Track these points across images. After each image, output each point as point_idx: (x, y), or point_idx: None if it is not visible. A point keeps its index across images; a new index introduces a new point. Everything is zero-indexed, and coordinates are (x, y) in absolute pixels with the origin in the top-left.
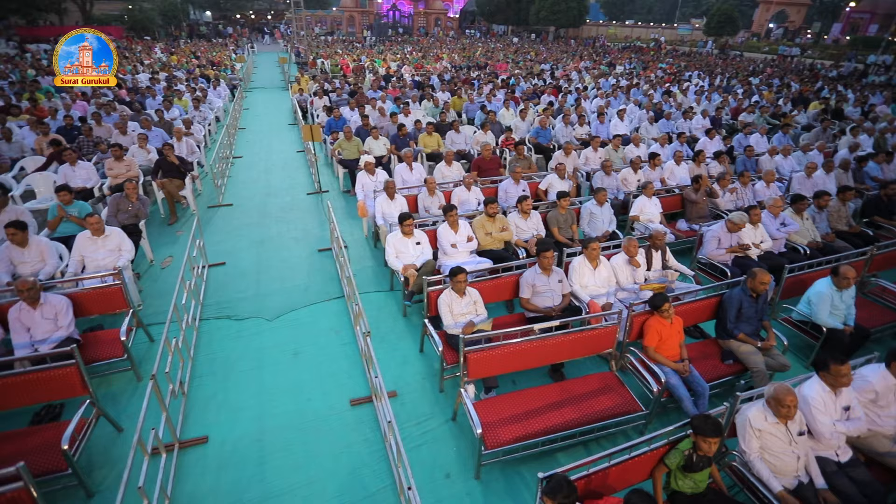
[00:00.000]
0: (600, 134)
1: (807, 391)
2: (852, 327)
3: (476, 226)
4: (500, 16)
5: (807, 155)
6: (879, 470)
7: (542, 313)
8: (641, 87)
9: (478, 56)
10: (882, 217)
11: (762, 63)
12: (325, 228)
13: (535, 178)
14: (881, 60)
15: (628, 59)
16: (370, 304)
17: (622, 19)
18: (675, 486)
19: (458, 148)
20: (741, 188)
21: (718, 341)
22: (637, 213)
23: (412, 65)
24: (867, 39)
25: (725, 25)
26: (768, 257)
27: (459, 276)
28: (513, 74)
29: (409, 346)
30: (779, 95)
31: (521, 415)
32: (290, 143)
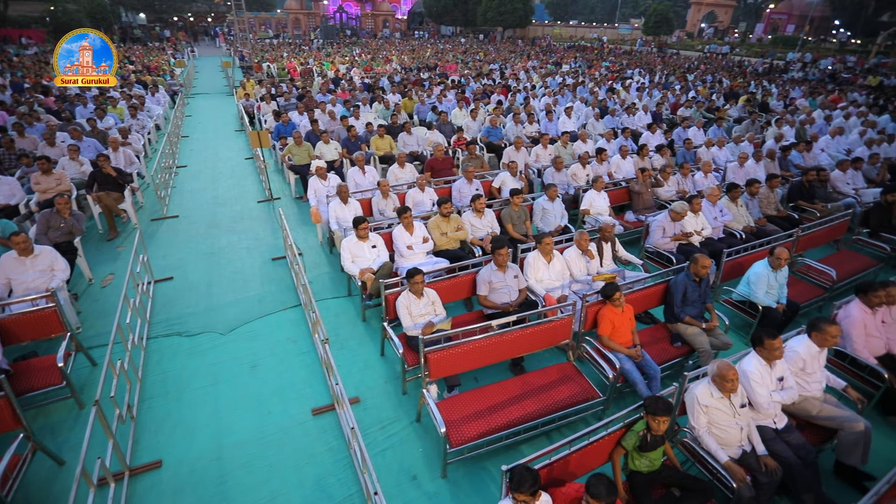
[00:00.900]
0: (549, 131)
1: (745, 366)
2: (784, 305)
3: (431, 226)
4: (447, 17)
5: (739, 146)
6: (811, 431)
7: (500, 309)
8: (587, 85)
9: (427, 57)
10: (805, 201)
11: (696, 60)
12: (278, 236)
13: (488, 177)
14: (798, 57)
15: (573, 58)
16: (328, 311)
17: (566, 19)
18: (632, 467)
19: (411, 149)
20: (682, 179)
21: (667, 325)
22: (587, 207)
23: (361, 67)
24: (786, 38)
25: (662, 25)
26: (709, 243)
27: (416, 277)
28: (463, 75)
29: (370, 351)
30: (712, 91)
31: (484, 411)
32: (238, 150)
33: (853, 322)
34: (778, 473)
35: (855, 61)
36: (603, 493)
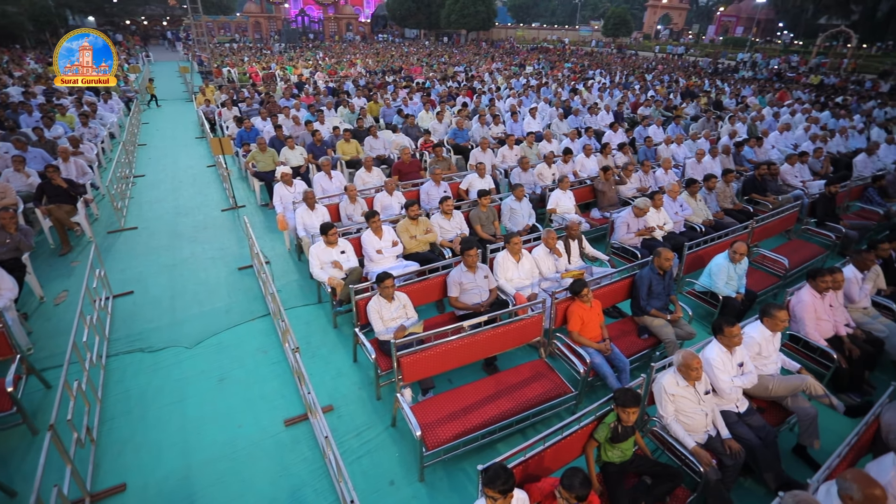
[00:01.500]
0: (515, 132)
1: (708, 354)
2: (743, 294)
3: (400, 230)
4: (411, 20)
5: (696, 143)
6: (770, 413)
7: (472, 310)
8: (550, 86)
9: (392, 60)
10: (758, 194)
11: (654, 61)
12: (244, 245)
13: (455, 179)
14: (750, 57)
15: (536, 60)
16: (298, 319)
17: (528, 21)
18: (605, 458)
19: (378, 153)
20: (644, 176)
21: (634, 318)
22: (553, 206)
23: (325, 71)
24: (736, 40)
25: (620, 27)
26: (671, 237)
27: (386, 281)
28: (428, 78)
29: (342, 358)
30: (670, 90)
31: (458, 412)
32: (200, 158)
33: (805, 307)
34: (741, 455)
35: (798, 61)
36: (576, 486)
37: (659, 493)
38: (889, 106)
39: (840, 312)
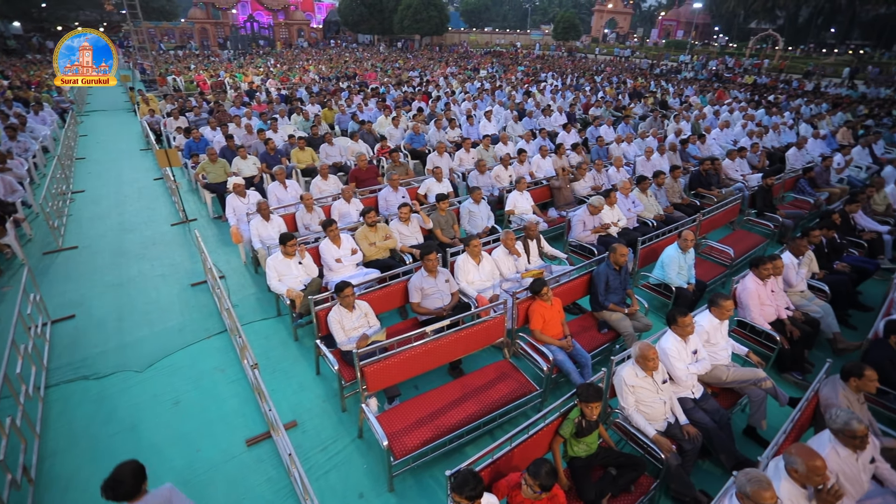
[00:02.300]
0: (471, 135)
1: (663, 344)
2: (693, 285)
3: (359, 237)
4: (364, 25)
5: (645, 141)
6: (723, 397)
7: (435, 314)
8: (504, 90)
9: (346, 66)
10: (703, 188)
11: (603, 63)
12: (197, 260)
13: (413, 184)
14: (691, 58)
15: (490, 64)
16: (257, 334)
17: (481, 26)
18: (571, 453)
19: (334, 160)
20: (597, 174)
21: (594, 314)
22: (511, 207)
23: (277, 78)
24: (677, 42)
25: (569, 31)
26: (625, 233)
27: (346, 290)
28: (383, 83)
29: (305, 371)
30: (618, 91)
31: (425, 418)
32: (145, 171)
33: (749, 294)
34: (699, 439)
35: (733, 62)
36: (542, 474)
37: (624, 483)
38: (814, 103)
39: (781, 297)
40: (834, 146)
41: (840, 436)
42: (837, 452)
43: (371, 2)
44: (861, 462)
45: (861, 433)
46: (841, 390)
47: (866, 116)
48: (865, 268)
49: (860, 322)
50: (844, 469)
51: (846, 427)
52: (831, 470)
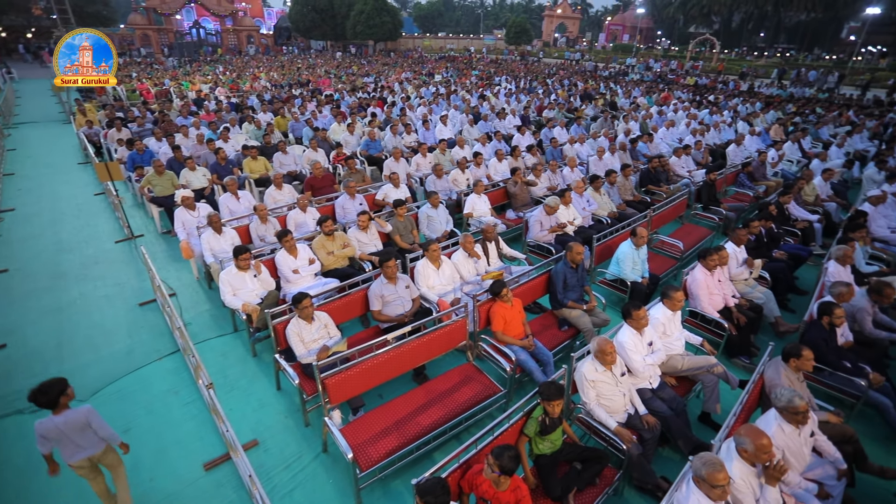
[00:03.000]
0: (427, 140)
1: (620, 338)
2: (647, 278)
3: (316, 247)
4: (316, 31)
5: (596, 141)
6: (678, 385)
7: (396, 321)
8: (459, 94)
9: (299, 73)
10: (653, 185)
11: (554, 67)
12: (145, 278)
13: (371, 190)
14: (634, 61)
15: (445, 69)
16: (213, 352)
17: (434, 31)
18: (537, 451)
19: (289, 169)
20: (552, 175)
21: (554, 312)
22: (469, 210)
23: (226, 86)
24: (624, 46)
25: (521, 35)
26: (581, 231)
27: (304, 301)
28: (337, 89)
29: (265, 387)
30: (570, 93)
31: (391, 427)
32: (84, 186)
33: (698, 284)
34: (658, 428)
35: (676, 65)
36: (504, 457)
37: (589, 477)
38: (749, 102)
39: (727, 286)
40: (768, 142)
41: (784, 413)
42: (782, 429)
43: (322, 7)
44: (803, 436)
45: (802, 409)
46: (783, 371)
47: (794, 114)
48: (800, 255)
49: (798, 305)
50: (789, 444)
51: (789, 405)
52: (778, 446)
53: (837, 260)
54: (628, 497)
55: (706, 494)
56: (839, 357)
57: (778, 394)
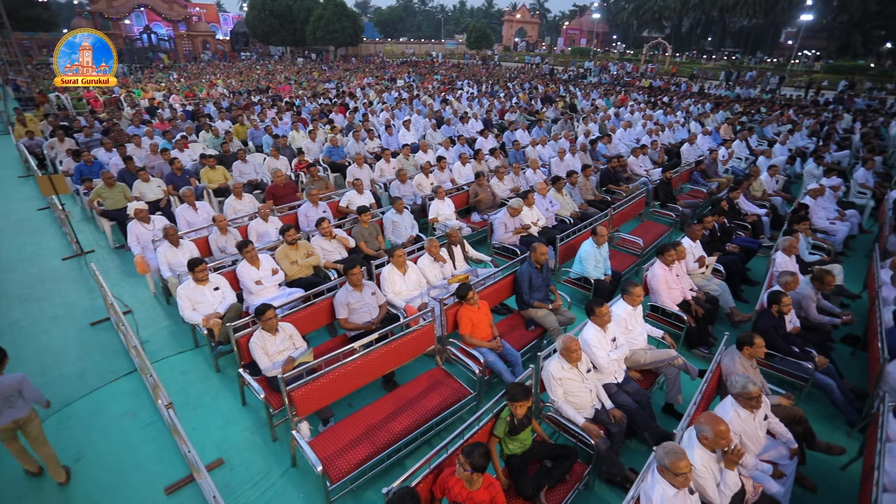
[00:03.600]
0: (390, 145)
1: (585, 335)
2: (610, 276)
3: (279, 257)
4: (275, 37)
5: (557, 143)
6: (643, 378)
7: (364, 329)
8: (421, 98)
9: (258, 79)
10: (613, 184)
11: (515, 70)
12: (97, 296)
13: (334, 198)
14: (591, 65)
15: (407, 73)
16: (173, 370)
17: (396, 36)
18: (507, 451)
19: (249, 178)
20: (515, 177)
21: (521, 312)
22: (434, 214)
23: (181, 93)
24: (582, 50)
25: (482, 40)
26: (545, 232)
27: (267, 313)
28: (297, 96)
29: (229, 404)
30: (531, 96)
31: (361, 436)
32: (25, 201)
33: (658, 279)
34: (624, 421)
35: (631, 68)
36: (475, 455)
37: (559, 473)
38: (700, 103)
39: (685, 280)
40: (718, 141)
41: (739, 399)
42: (738, 414)
43: (281, 13)
44: (757, 420)
45: (756, 394)
46: (738, 359)
47: (741, 114)
48: (751, 247)
49: (751, 296)
50: (745, 428)
51: (743, 390)
52: (735, 431)
53: (783, 251)
54: (598, 491)
55: (670, 483)
56: (788, 343)
57: (733, 381)
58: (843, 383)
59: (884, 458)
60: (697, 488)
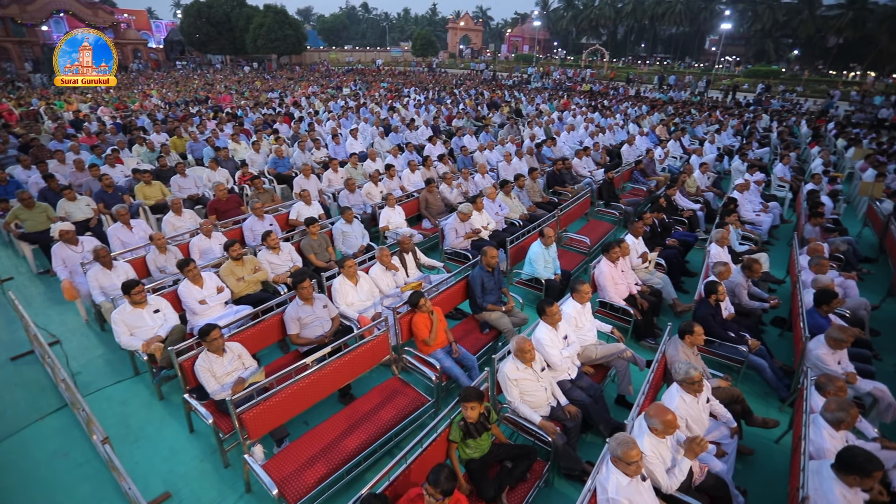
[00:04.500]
0: (338, 155)
1: (537, 335)
2: (560, 275)
3: (224, 274)
4: (213, 45)
5: (504, 147)
6: (596, 372)
7: (316, 343)
8: (368, 106)
9: (196, 90)
10: (559, 186)
11: (462, 77)
12: (18, 327)
13: (281, 210)
14: (534, 70)
15: (353, 82)
16: (110, 401)
17: (340, 44)
18: (464, 456)
19: (189, 193)
20: (464, 182)
21: (475, 316)
22: (385, 223)
23: (111, 105)
24: (525, 56)
25: (427, 47)
26: (495, 235)
27: (212, 333)
28: (239, 106)
29: (176, 432)
30: (477, 102)
31: (318, 454)
32: None
33: (604, 276)
34: (579, 416)
35: (572, 73)
36: (441, 480)
37: (519, 473)
38: (636, 106)
39: (630, 275)
40: (655, 141)
41: (683, 385)
42: (684, 399)
43: (218, 20)
44: (701, 404)
45: (697, 378)
46: (680, 347)
47: (674, 115)
48: (688, 240)
49: (691, 286)
50: (691, 412)
51: (686, 376)
52: (681, 416)
53: (717, 242)
54: (558, 486)
55: (623, 472)
56: (724, 328)
57: (676, 368)
58: (773, 363)
59: (809, 429)
60: (648, 474)
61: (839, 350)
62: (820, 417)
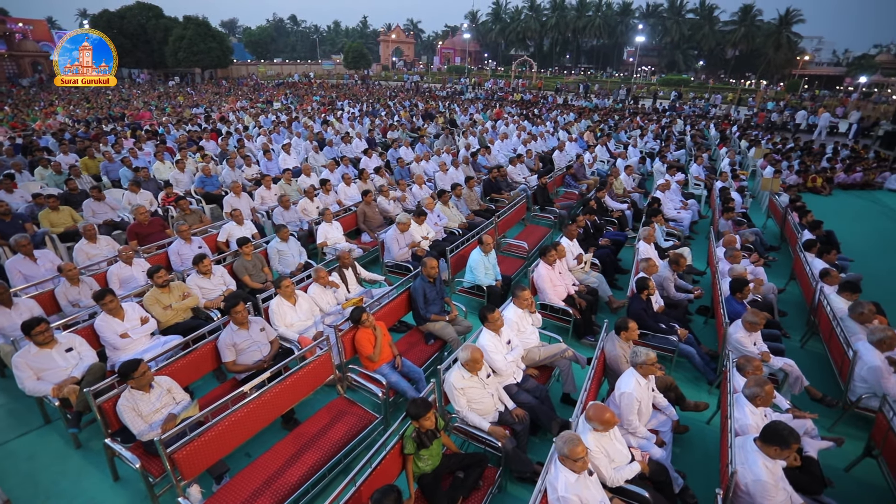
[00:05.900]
0: (270, 171)
1: (481, 341)
2: (500, 281)
3: (149, 303)
4: (128, 58)
5: (440, 157)
6: (541, 374)
7: (255, 369)
8: (301, 121)
9: (110, 106)
10: (495, 193)
11: (396, 89)
12: None
13: (211, 231)
14: (466, 81)
15: (284, 95)
16: (14, 457)
17: (269, 58)
18: (417, 471)
19: (105, 218)
20: (401, 193)
21: (419, 328)
22: (323, 239)
23: (7, 124)
24: (457, 68)
25: (359, 60)
26: (436, 245)
27: (139, 369)
28: (161, 123)
29: (97, 482)
30: (412, 114)
31: (262, 486)
32: None
33: (543, 279)
34: (527, 418)
35: (503, 84)
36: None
37: (472, 482)
38: (565, 114)
39: (567, 276)
40: (584, 146)
41: (640, 368)
42: (639, 382)
43: (132, 32)
44: (650, 388)
45: (653, 361)
46: (617, 342)
47: (599, 122)
48: (619, 239)
49: (624, 283)
50: (643, 395)
51: (646, 359)
52: (637, 398)
53: (644, 240)
54: (511, 490)
55: (571, 469)
56: (656, 321)
57: (633, 353)
58: (700, 349)
59: (734, 408)
60: (594, 469)
61: (754, 332)
62: (742, 396)
